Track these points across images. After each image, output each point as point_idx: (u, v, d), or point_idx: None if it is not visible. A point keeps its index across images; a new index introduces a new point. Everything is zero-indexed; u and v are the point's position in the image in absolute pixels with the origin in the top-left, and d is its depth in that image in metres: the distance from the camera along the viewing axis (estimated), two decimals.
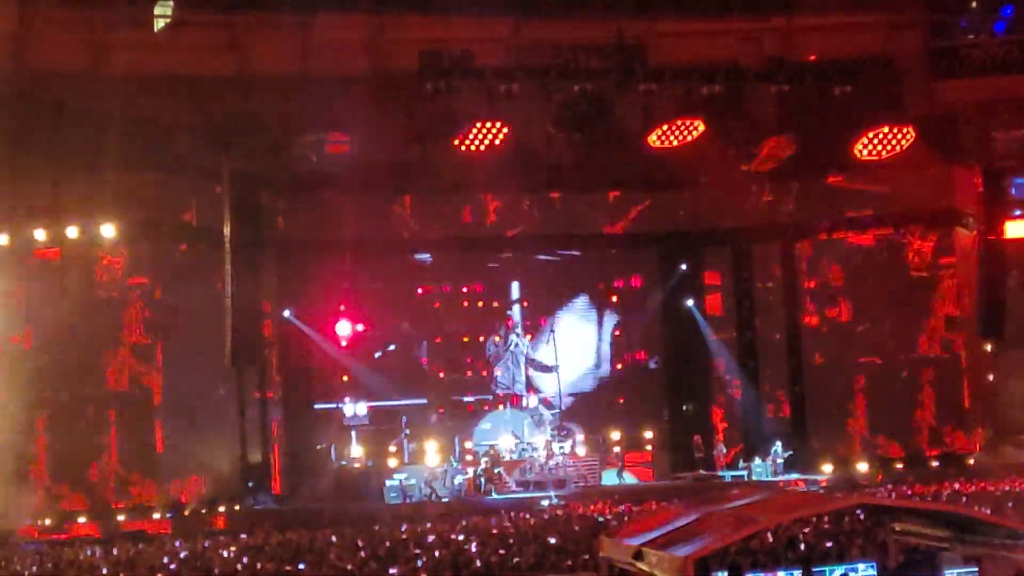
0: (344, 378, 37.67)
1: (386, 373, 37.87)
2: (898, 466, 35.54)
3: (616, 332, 40.42)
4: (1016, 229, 35.97)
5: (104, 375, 32.64)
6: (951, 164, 36.06)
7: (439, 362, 39.36)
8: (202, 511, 31.90)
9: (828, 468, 35.42)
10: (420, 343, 39.26)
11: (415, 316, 39.13)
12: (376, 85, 33.57)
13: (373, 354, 38.20)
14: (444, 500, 33.28)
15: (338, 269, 37.34)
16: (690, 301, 38.74)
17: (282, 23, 33.56)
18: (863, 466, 35.36)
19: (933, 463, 35.42)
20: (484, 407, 38.43)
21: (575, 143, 35.10)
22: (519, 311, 39.75)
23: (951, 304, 36.66)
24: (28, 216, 31.74)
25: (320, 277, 37.27)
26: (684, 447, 37.42)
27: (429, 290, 39.53)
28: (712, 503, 15.85)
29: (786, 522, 18.09)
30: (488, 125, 32.31)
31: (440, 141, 33.17)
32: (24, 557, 24.31)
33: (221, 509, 32.24)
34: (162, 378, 32.98)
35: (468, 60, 31.87)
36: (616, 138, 34.93)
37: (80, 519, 31.01)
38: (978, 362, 37.07)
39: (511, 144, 33.00)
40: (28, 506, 30.83)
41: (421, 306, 39.29)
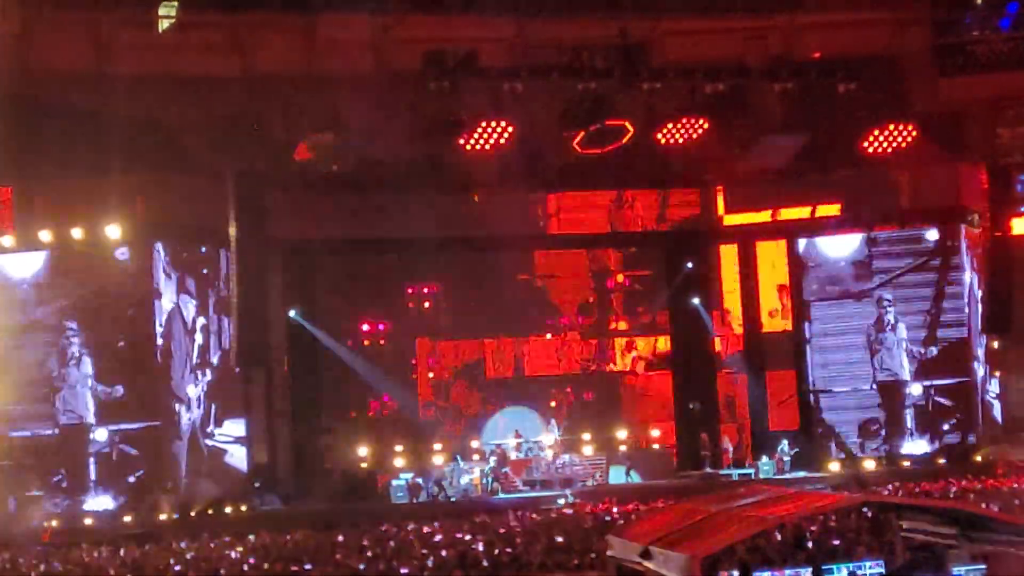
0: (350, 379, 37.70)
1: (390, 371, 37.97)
2: (906, 464, 35.48)
3: None
4: (1023, 225, 35.97)
5: None
6: (957, 161, 36.02)
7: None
8: (208, 512, 31.89)
9: (835, 466, 35.37)
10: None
11: (410, 315, 39.11)
12: (380, 85, 33.57)
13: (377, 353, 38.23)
14: (451, 499, 33.30)
15: (344, 269, 37.34)
16: (696, 299, 38.70)
17: (286, 23, 33.55)
18: (870, 464, 35.30)
19: (940, 460, 35.34)
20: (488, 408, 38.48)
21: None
22: None
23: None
24: (34, 217, 31.77)
25: (327, 277, 37.24)
26: (691, 445, 37.39)
27: (420, 289, 39.52)
28: (719, 501, 15.83)
29: (793, 520, 18.05)
30: (493, 124, 32.29)
31: (445, 140, 33.17)
32: (31, 558, 24.34)
33: (228, 510, 32.25)
34: None
35: (472, 60, 31.80)
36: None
37: (87, 520, 31.00)
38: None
39: (515, 143, 32.97)
40: (35, 507, 30.89)
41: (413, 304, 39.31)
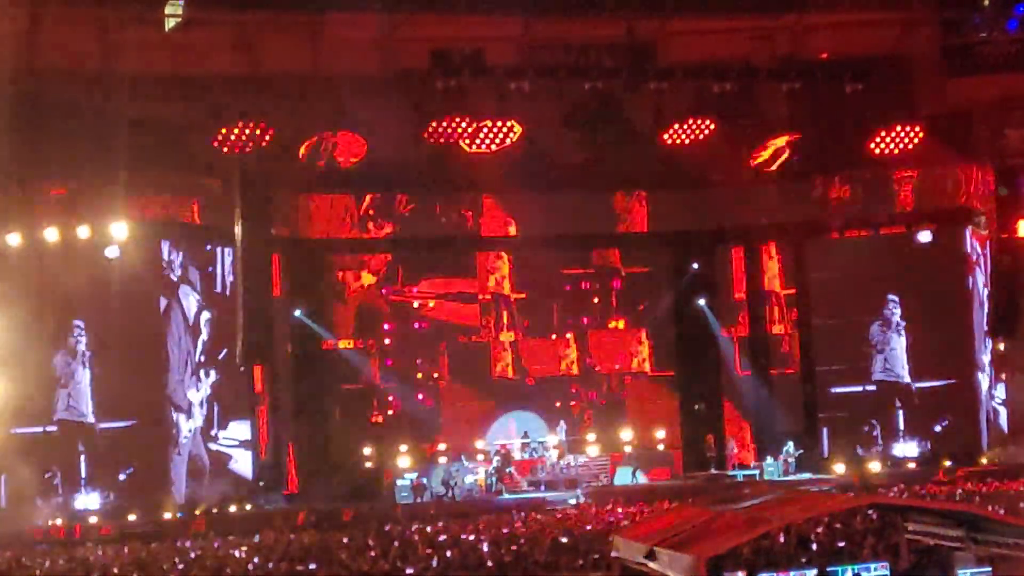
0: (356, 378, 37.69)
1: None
2: (910, 465, 35.44)
3: None
4: None
5: None
6: (964, 162, 35.94)
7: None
8: (213, 510, 31.87)
9: (840, 468, 35.31)
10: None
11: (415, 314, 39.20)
12: (387, 84, 33.55)
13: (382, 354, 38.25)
14: (456, 499, 33.29)
15: (349, 267, 37.36)
16: (702, 300, 38.62)
17: (293, 22, 33.52)
18: (875, 466, 35.24)
19: (946, 462, 35.27)
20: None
21: (585, 142, 35.07)
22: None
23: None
24: (39, 215, 31.76)
25: (332, 275, 37.25)
26: (696, 446, 37.35)
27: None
28: (724, 503, 15.80)
29: (798, 522, 18.02)
30: (499, 124, 32.27)
31: (451, 140, 33.14)
32: (36, 556, 24.33)
33: (232, 509, 32.23)
34: None
35: (479, 59, 31.84)
36: (627, 137, 34.91)
37: (91, 519, 30.99)
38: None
39: (522, 143, 32.95)
40: (40, 505, 30.89)
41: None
